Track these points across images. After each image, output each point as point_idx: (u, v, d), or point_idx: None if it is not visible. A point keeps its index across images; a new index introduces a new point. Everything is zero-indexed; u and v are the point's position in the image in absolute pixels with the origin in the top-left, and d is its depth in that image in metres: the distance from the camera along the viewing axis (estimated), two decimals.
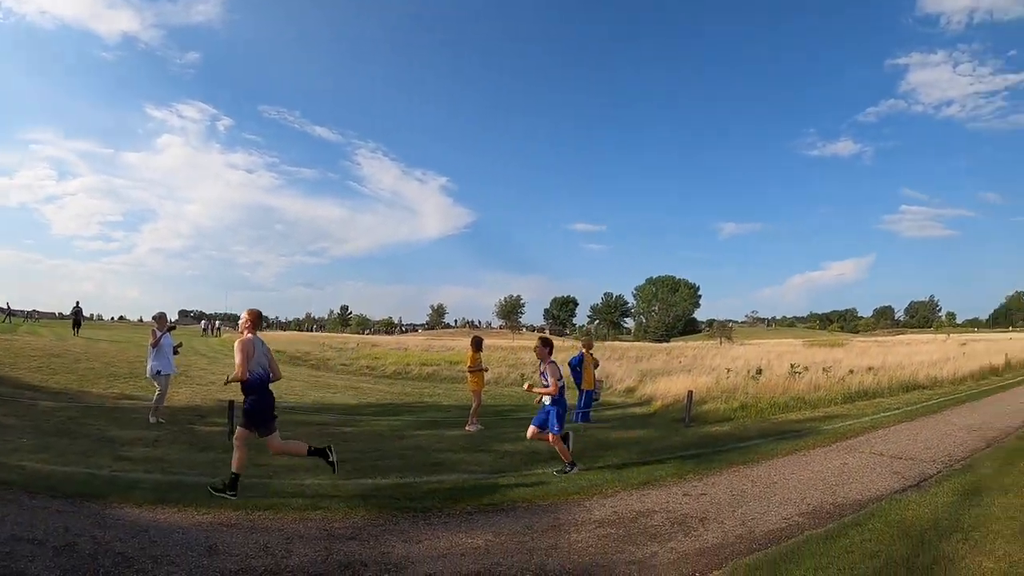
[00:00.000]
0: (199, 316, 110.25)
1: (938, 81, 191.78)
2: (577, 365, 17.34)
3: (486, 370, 17.10)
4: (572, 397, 19.16)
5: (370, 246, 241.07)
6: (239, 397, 9.80)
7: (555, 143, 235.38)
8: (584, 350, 17.80)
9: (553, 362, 11.16)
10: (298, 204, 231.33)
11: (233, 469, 9.26)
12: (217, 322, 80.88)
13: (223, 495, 9.01)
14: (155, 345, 15.11)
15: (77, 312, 47.19)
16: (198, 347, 44.71)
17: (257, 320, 10.16)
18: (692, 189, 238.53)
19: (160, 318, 15.75)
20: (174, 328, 15.86)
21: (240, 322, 10.17)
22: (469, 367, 16.26)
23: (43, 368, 24.83)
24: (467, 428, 15.33)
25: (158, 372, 15.24)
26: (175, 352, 15.73)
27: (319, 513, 8.37)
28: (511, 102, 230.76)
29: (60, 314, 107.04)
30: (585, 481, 9.91)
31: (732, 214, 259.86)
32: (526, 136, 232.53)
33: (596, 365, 18.22)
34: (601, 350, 44.83)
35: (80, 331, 44.33)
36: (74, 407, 17.06)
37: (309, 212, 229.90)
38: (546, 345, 11.15)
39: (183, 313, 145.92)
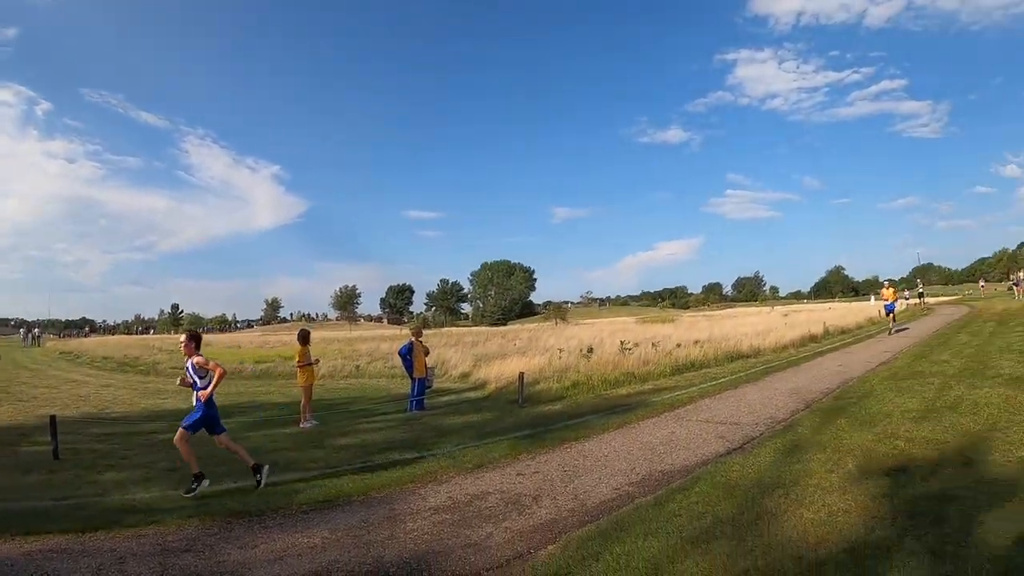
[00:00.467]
0: (19, 324, 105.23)
1: (764, 76, 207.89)
2: (407, 354, 17.48)
3: (316, 363, 17.18)
4: (407, 386, 19.32)
5: (199, 238, 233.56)
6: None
7: (388, 131, 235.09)
8: (413, 338, 17.94)
9: (200, 356, 10.59)
10: (123, 196, 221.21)
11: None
12: (36, 330, 77.14)
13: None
14: None
15: None
16: (19, 359, 42.59)
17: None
18: (526, 176, 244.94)
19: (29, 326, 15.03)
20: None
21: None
22: (298, 362, 16.33)
23: None
24: (301, 425, 15.28)
25: None
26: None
27: (152, 528, 8.16)
28: (345, 89, 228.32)
29: None
30: (420, 469, 9.98)
31: (565, 199, 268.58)
32: (359, 123, 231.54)
33: (427, 352, 18.35)
34: (438, 336, 45.14)
35: None
36: None
37: (134, 204, 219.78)
38: (192, 339, 10.66)
39: (2, 322, 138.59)
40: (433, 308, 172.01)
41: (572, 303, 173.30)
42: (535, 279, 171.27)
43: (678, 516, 6.98)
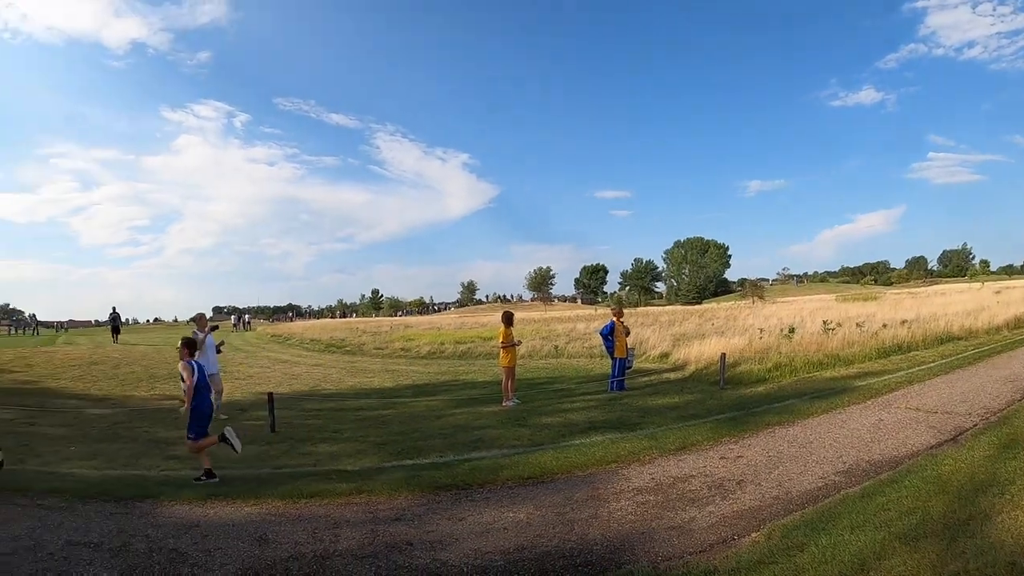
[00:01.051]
0: (232, 311, 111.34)
1: (958, 22, 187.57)
2: (608, 334, 17.35)
3: (518, 344, 17.10)
4: (606, 366, 19.29)
5: (397, 228, 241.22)
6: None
7: (574, 110, 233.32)
8: (614, 318, 17.73)
9: (189, 362, 10.25)
10: (322, 192, 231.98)
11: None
12: (246, 316, 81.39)
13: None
14: (199, 347, 15.15)
15: (114, 318, 47.22)
16: (233, 342, 44.97)
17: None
18: (715, 149, 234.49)
19: (199, 319, 15.89)
20: (216, 328, 15.97)
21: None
22: (502, 343, 16.25)
23: (84, 376, 25.32)
24: (504, 404, 15.43)
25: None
26: (218, 351, 15.86)
27: (363, 497, 8.57)
28: (527, 72, 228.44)
29: (96, 321, 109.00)
30: (623, 449, 9.94)
31: (757, 171, 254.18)
32: (544, 106, 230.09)
33: (627, 333, 18.17)
34: (633, 316, 44.75)
35: (119, 337, 43.97)
36: (119, 412, 17.36)
37: (334, 199, 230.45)
38: (186, 346, 10.45)
39: (217, 310, 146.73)
40: (627, 287, 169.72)
41: (767, 280, 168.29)
42: (729, 256, 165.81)
43: (886, 510, 6.66)
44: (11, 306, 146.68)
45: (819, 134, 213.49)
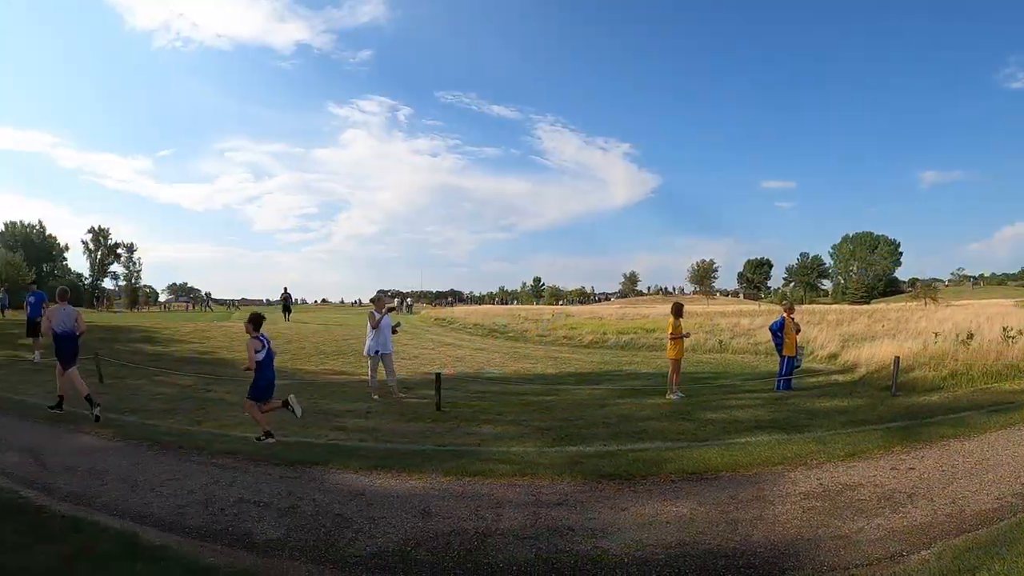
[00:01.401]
0: (395, 295, 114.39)
1: None
2: (778, 330, 17.03)
3: (687, 336, 16.88)
4: (772, 364, 18.90)
5: (558, 218, 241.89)
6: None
7: (736, 97, 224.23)
8: (785, 314, 17.41)
9: (256, 336, 11.66)
10: (484, 182, 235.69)
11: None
12: (409, 300, 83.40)
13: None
14: (375, 327, 15.63)
15: (286, 298, 48.41)
16: (401, 323, 46.22)
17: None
18: (887, 136, 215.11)
19: (378, 299, 16.32)
20: (393, 309, 16.36)
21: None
22: (670, 334, 16.03)
23: None
24: (668, 396, 15.31)
25: (376, 352, 15.76)
26: (394, 331, 16.32)
27: (526, 479, 8.69)
28: (687, 61, 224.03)
29: (267, 300, 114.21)
30: (789, 451, 9.73)
31: (932, 161, 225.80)
32: (705, 94, 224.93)
33: (798, 330, 17.79)
34: (799, 314, 43.69)
35: (290, 316, 45.09)
36: (290, 384, 17.97)
37: (496, 189, 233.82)
38: (251, 322, 11.85)
39: (381, 292, 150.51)
40: (792, 283, 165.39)
41: (941, 281, 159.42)
42: (900, 253, 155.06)
43: None
44: (189, 285, 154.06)
45: (998, 121, 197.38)
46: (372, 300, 16.69)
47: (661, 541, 6.42)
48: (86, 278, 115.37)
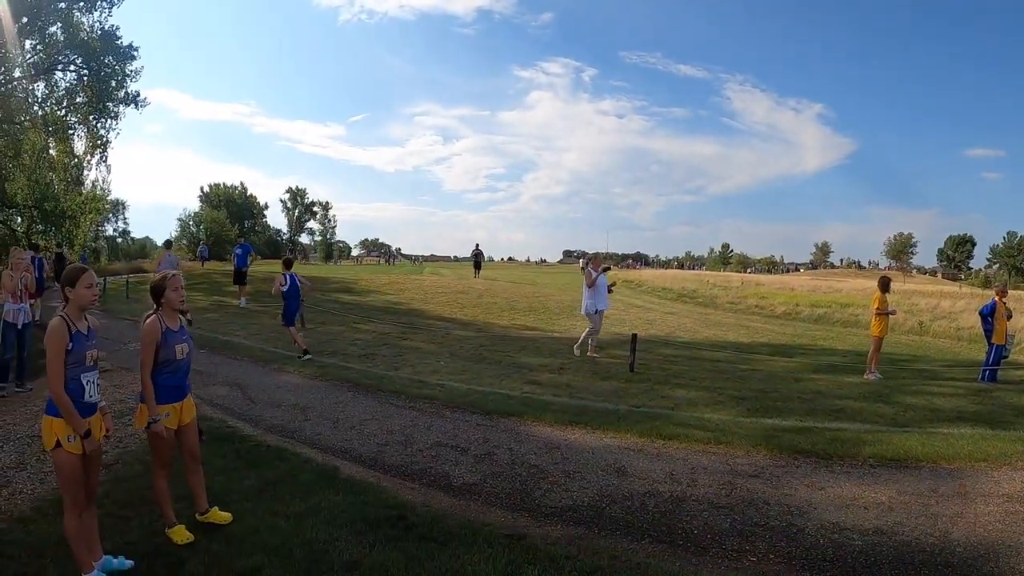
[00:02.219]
0: (580, 255, 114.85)
1: None
2: (988, 314, 15.86)
3: (893, 313, 15.95)
4: (974, 352, 18.07)
5: (747, 182, 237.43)
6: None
7: (940, 55, 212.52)
8: (997, 297, 16.19)
9: (284, 273, 14.79)
10: (671, 144, 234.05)
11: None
12: (582, 260, 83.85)
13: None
14: (591, 285, 15.68)
15: (477, 255, 48.72)
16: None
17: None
18: None
19: (594, 258, 16.49)
20: (609, 268, 16.36)
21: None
22: (876, 309, 15.35)
23: (451, 303, 27.72)
24: (866, 376, 14.78)
25: (595, 311, 15.78)
26: (609, 291, 16.30)
27: (721, 448, 8.64)
28: (883, 16, 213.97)
29: (455, 257, 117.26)
30: (993, 448, 9.07)
31: None
32: (907, 52, 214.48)
33: (1009, 316, 16.48)
34: (1008, 300, 41.37)
35: (480, 272, 46.03)
36: (483, 336, 18.39)
37: (683, 151, 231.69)
38: (284, 263, 15.60)
39: (567, 253, 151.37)
40: (996, 264, 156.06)
41: None
42: None
43: None
44: (380, 240, 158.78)
45: None
46: (588, 259, 16.71)
47: (858, 526, 6.24)
48: (284, 234, 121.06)
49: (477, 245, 42.75)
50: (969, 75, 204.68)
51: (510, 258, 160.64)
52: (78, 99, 34.66)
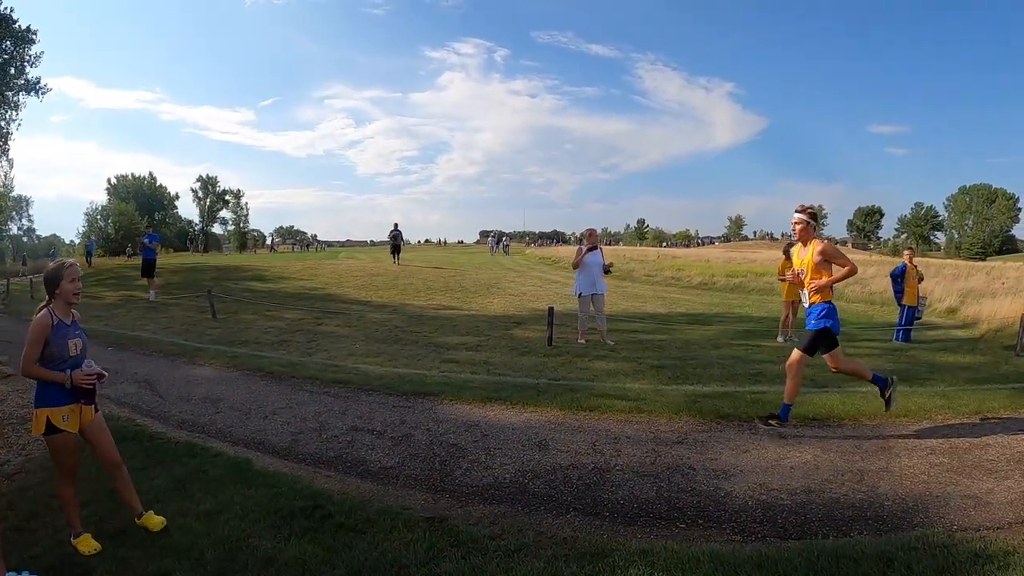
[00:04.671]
0: (487, 234, 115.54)
1: None
2: (899, 276, 16.46)
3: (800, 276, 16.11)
4: (886, 314, 18.46)
5: (661, 159, 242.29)
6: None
7: (847, 36, 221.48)
8: (907, 260, 16.82)
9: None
10: (584, 123, 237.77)
11: None
12: (505, 239, 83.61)
13: None
14: (576, 265, 14.80)
15: (395, 236, 42.17)
16: (504, 262, 48.52)
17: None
18: (1010, 82, 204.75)
19: (589, 234, 15.61)
20: (595, 248, 15.28)
21: None
22: (779, 276, 15.85)
23: (366, 286, 27.65)
24: (777, 339, 15.20)
25: (578, 293, 14.92)
26: (606, 271, 15.22)
27: (643, 416, 8.66)
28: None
29: (371, 241, 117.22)
30: (912, 404, 9.38)
31: None
32: (814, 32, 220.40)
33: (920, 279, 17.15)
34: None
35: (400, 257, 41.29)
36: (399, 317, 18.25)
37: (596, 129, 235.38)
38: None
39: (483, 233, 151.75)
40: (904, 234, 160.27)
41: None
42: (1020, 209, 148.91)
43: None
44: (295, 228, 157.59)
45: None
46: (581, 236, 16.27)
47: (786, 486, 6.30)
48: (196, 224, 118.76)
49: (396, 225, 39.75)
50: (874, 54, 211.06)
51: (427, 240, 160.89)
52: None
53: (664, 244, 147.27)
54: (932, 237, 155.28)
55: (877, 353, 14.04)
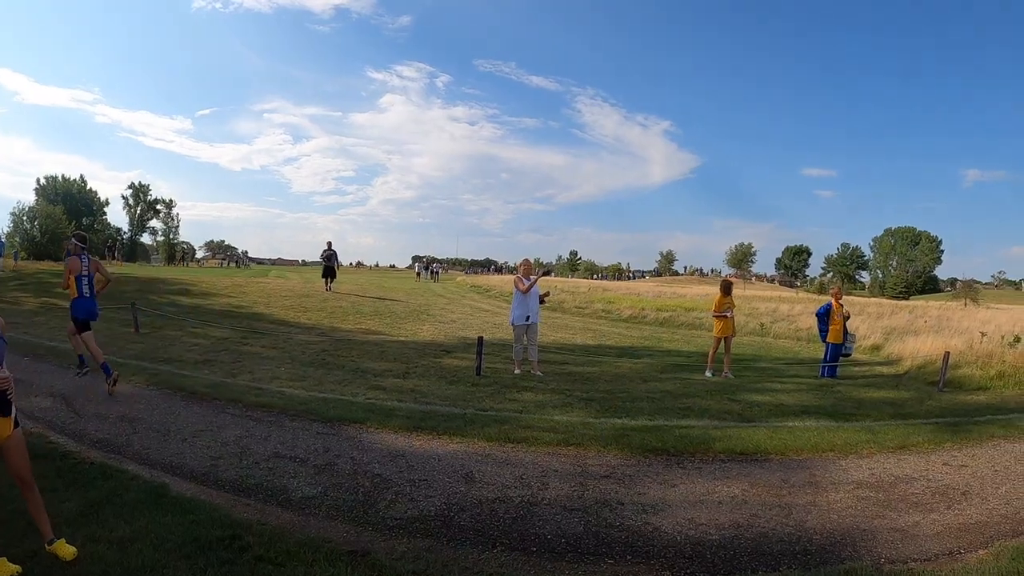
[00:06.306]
0: (417, 259, 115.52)
1: None
2: (824, 315, 16.79)
3: (729, 315, 16.29)
4: (813, 350, 18.70)
5: (595, 192, 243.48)
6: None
7: (780, 81, 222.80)
8: (833, 300, 17.15)
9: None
10: (522, 153, 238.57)
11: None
12: (435, 265, 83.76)
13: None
14: (525, 291, 14.60)
15: (329, 256, 36.44)
16: (435, 289, 48.69)
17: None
18: (932, 130, 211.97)
19: (524, 264, 15.47)
20: (549, 273, 14.93)
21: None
22: (714, 311, 16.02)
23: (295, 307, 27.30)
24: (705, 374, 15.31)
25: (525, 319, 14.65)
26: (542, 302, 15.17)
27: (571, 449, 8.62)
28: (735, 42, 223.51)
29: (303, 261, 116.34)
30: (839, 438, 9.55)
31: (976, 159, 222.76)
32: (750, 76, 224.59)
33: (847, 317, 17.45)
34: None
35: (333, 283, 35.87)
36: (326, 341, 18.03)
37: (533, 160, 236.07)
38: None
39: (416, 258, 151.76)
40: (830, 273, 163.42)
41: (981, 283, 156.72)
42: (941, 251, 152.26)
43: None
44: (226, 243, 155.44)
45: None
46: (518, 265, 16.13)
47: (714, 522, 6.31)
48: (125, 232, 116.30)
49: (329, 245, 36.31)
50: (804, 100, 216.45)
51: (359, 263, 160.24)
52: None
53: (596, 276, 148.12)
54: (857, 276, 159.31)
55: (804, 388, 14.24)
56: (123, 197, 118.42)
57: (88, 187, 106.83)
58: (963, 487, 7.81)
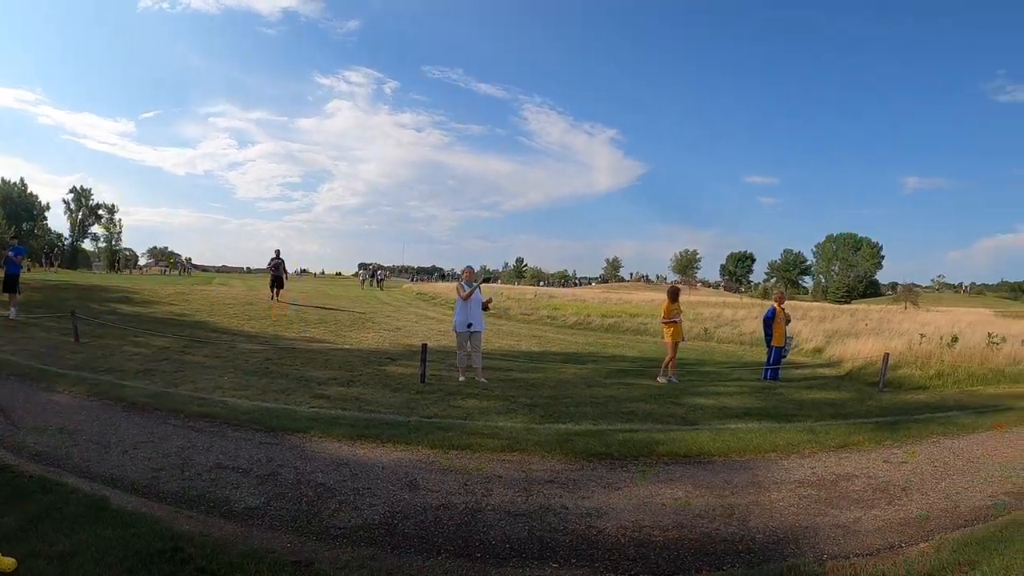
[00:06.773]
0: (362, 266, 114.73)
1: None
2: (770, 320, 16.97)
3: (677, 321, 16.28)
4: (756, 354, 18.91)
5: (541, 200, 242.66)
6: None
7: (722, 92, 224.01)
8: (776, 304, 17.36)
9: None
10: (468, 160, 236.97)
11: None
12: (380, 272, 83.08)
13: None
14: (466, 299, 14.48)
15: (277, 265, 33.97)
16: (381, 296, 48.40)
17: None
18: (872, 139, 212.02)
19: (467, 271, 15.48)
20: (489, 280, 14.88)
21: None
22: (664, 318, 16.10)
23: (239, 315, 26.88)
24: (657, 379, 15.34)
25: (467, 326, 14.47)
26: (485, 309, 15.13)
27: (515, 455, 8.62)
28: (675, 50, 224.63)
29: (248, 268, 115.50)
30: (781, 439, 9.71)
31: (916, 167, 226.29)
32: (694, 85, 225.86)
33: (788, 321, 17.72)
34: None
35: (279, 294, 33.55)
36: (270, 350, 17.85)
37: (480, 167, 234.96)
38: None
39: (362, 265, 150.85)
40: (774, 278, 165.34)
41: (920, 286, 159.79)
42: (882, 256, 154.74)
43: None
44: (169, 249, 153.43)
45: (983, 132, 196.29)
46: (462, 272, 16.00)
47: (658, 524, 6.35)
48: (66, 238, 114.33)
49: (277, 253, 33.90)
50: (747, 110, 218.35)
51: (304, 270, 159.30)
52: None
53: (541, 283, 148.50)
54: (800, 281, 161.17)
55: (747, 391, 14.41)
56: (64, 201, 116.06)
57: (28, 190, 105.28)
58: (903, 483, 7.99)
